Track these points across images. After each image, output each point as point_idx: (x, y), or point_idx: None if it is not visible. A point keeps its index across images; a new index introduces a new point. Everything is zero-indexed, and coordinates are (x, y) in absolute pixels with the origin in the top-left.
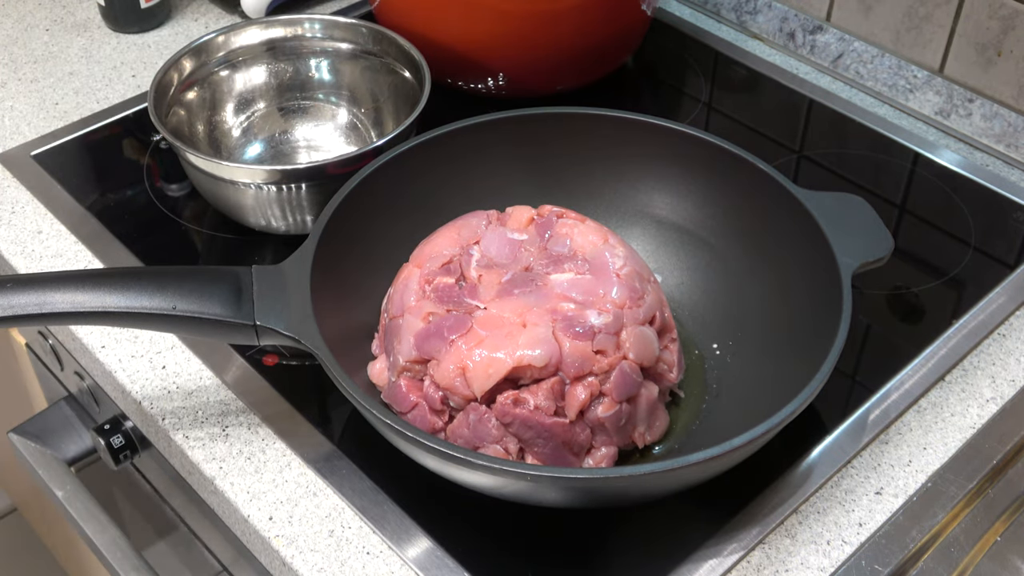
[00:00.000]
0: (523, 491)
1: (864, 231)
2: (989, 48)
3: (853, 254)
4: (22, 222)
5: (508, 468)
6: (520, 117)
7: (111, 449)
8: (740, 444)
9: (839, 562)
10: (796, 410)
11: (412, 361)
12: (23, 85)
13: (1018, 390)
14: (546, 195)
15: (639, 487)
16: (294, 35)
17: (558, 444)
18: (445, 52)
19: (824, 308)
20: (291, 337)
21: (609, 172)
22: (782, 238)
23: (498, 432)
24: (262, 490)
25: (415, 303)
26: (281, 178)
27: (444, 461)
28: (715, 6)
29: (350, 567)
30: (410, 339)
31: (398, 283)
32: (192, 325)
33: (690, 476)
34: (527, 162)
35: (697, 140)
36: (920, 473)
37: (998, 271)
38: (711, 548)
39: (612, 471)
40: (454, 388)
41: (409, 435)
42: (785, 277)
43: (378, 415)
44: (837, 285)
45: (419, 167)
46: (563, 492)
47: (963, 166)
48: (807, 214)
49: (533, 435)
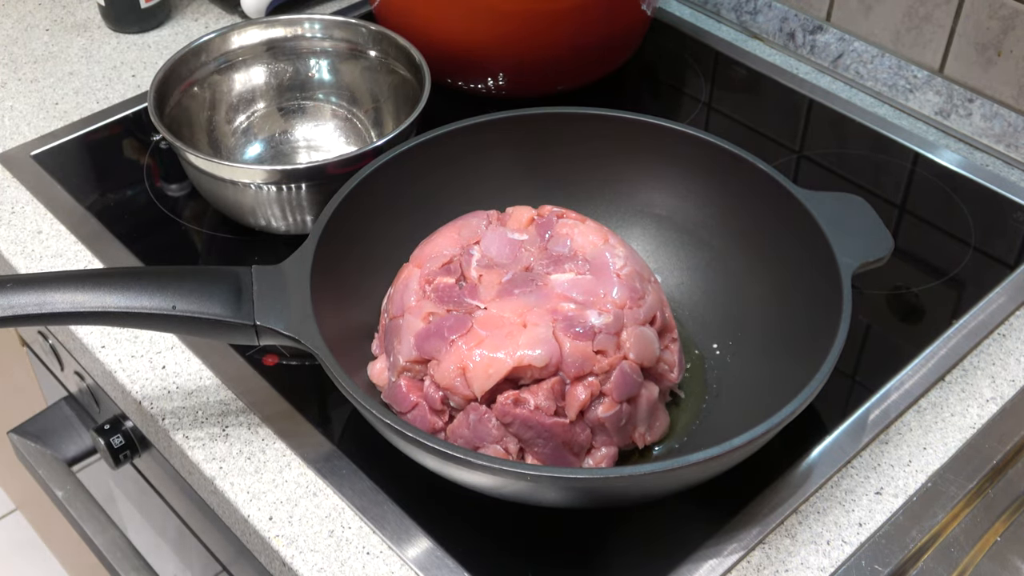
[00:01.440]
0: (523, 491)
1: (864, 231)
2: (989, 48)
3: (853, 254)
4: (22, 222)
5: (508, 468)
6: (520, 117)
7: (111, 449)
8: (740, 444)
9: (839, 562)
10: (796, 410)
11: (412, 361)
12: (23, 85)
13: (1018, 390)
14: (546, 195)
15: (639, 487)
16: (294, 35)
17: (558, 444)
18: (445, 52)
19: (824, 308)
20: (291, 337)
21: (609, 172)
22: (782, 238)
23: (498, 432)
24: (262, 490)
25: (415, 303)
26: (281, 178)
27: (444, 461)
28: (715, 6)
29: (350, 567)
30: (410, 339)
31: (398, 283)
32: (192, 325)
33: (690, 476)
34: (527, 162)
35: (697, 140)
36: (920, 473)
37: (998, 271)
38: (711, 548)
39: (612, 471)
40: (454, 388)
41: (409, 435)
42: (785, 277)
43: (378, 415)
44: (837, 285)
45: (419, 167)
46: (563, 492)
47: (963, 166)
48: (807, 214)
49: (533, 435)
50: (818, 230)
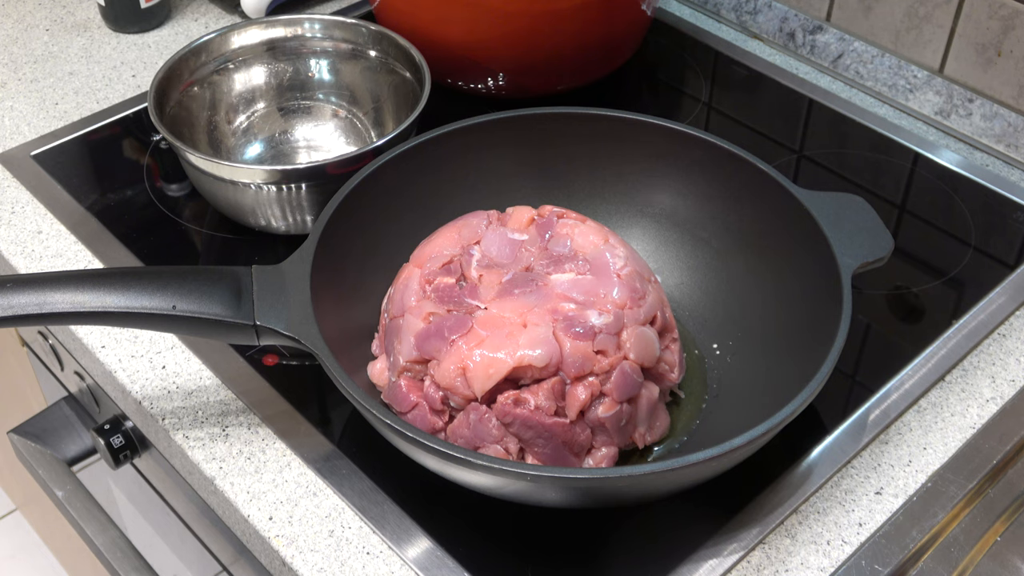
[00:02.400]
0: (523, 491)
1: (864, 231)
2: (989, 48)
3: (853, 254)
4: (22, 222)
5: (508, 468)
6: (520, 117)
7: (111, 449)
8: (740, 444)
9: (839, 562)
10: (796, 410)
11: (412, 361)
12: (23, 85)
13: (1018, 390)
14: (546, 195)
15: (639, 487)
16: (294, 35)
17: (558, 444)
18: (445, 52)
19: (824, 308)
20: (291, 337)
21: (609, 172)
22: (782, 238)
23: (498, 432)
24: (262, 490)
25: (415, 303)
26: (281, 178)
27: (444, 461)
28: (715, 6)
29: (350, 567)
30: (411, 339)
31: (398, 283)
32: (192, 325)
33: (690, 476)
34: (527, 162)
35: (697, 140)
36: (920, 473)
37: (998, 271)
38: (711, 548)
39: (612, 471)
40: (455, 388)
41: (409, 435)
42: (785, 277)
43: (378, 415)
44: (837, 285)
45: (419, 167)
46: (563, 492)
47: (963, 166)
48: (807, 214)
49: (533, 435)
50: (818, 230)
